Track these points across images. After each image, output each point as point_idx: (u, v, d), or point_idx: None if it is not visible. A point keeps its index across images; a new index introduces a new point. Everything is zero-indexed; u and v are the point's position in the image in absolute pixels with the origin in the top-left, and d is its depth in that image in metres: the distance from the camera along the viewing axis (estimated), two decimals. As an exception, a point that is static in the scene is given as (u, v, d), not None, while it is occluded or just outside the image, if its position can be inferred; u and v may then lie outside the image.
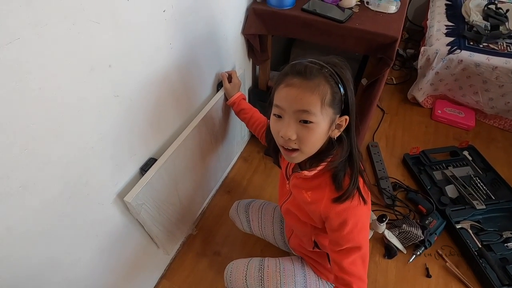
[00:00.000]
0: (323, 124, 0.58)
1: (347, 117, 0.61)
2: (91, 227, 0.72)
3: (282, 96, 0.59)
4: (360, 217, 0.64)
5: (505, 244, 1.22)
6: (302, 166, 0.72)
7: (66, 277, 0.70)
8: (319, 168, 0.65)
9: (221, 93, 1.05)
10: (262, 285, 0.88)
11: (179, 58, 0.81)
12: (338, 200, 0.63)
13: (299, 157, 0.63)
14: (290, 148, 0.62)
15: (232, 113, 1.18)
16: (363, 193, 0.64)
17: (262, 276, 0.89)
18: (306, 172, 0.66)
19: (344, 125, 0.62)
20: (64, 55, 0.50)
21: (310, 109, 0.56)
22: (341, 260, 0.65)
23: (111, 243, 0.80)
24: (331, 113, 0.58)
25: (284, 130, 0.59)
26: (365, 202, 0.64)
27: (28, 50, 0.44)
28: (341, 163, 0.63)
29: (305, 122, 0.57)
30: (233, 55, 1.15)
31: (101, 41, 0.56)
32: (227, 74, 1.06)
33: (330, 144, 0.65)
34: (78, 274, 0.74)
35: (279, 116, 0.61)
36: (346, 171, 0.64)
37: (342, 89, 0.58)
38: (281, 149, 0.65)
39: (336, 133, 0.63)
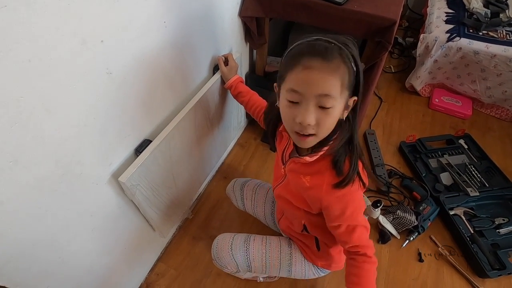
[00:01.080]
0: (339, 107, 0.57)
1: (355, 97, 0.59)
2: (86, 207, 0.72)
3: (301, 80, 0.54)
4: (359, 200, 0.66)
5: (497, 230, 1.24)
6: (300, 151, 0.71)
7: (61, 256, 0.70)
8: (321, 153, 0.64)
9: (217, 76, 1.04)
10: (247, 256, 0.90)
11: (173, 38, 0.80)
12: (339, 185, 0.62)
13: (312, 142, 0.61)
14: (306, 134, 0.59)
15: (229, 98, 1.17)
16: (362, 177, 0.64)
17: (248, 248, 0.91)
18: (307, 158, 0.65)
19: (352, 106, 0.60)
20: (54, 26, 0.48)
21: (331, 93, 0.53)
22: (349, 238, 0.67)
23: (106, 223, 0.81)
24: (347, 95, 0.57)
25: (302, 117, 0.55)
26: (364, 186, 0.64)
27: (16, 19, 0.43)
28: (342, 147, 0.62)
29: (324, 106, 0.55)
30: (230, 38, 1.13)
31: (93, 15, 0.54)
32: (223, 58, 1.04)
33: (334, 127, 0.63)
34: (73, 253, 0.74)
35: (294, 101, 0.57)
36: (346, 155, 0.63)
37: (355, 70, 0.55)
38: (294, 135, 0.61)
39: (345, 114, 0.61)
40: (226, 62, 1.05)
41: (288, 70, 0.56)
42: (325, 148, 0.63)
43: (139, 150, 0.80)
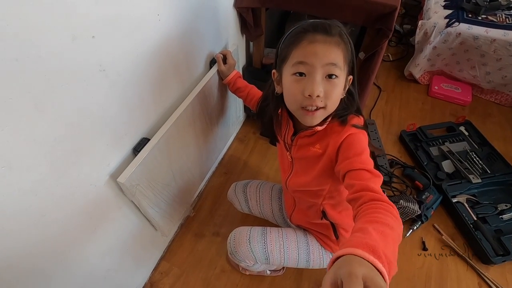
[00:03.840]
0: (342, 81, 0.60)
1: (351, 76, 0.64)
2: (85, 209, 0.70)
3: (309, 52, 0.57)
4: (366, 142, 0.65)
5: (500, 216, 1.24)
6: (298, 130, 0.72)
7: (62, 260, 0.69)
8: (328, 120, 0.65)
9: (214, 70, 1.01)
10: (266, 248, 0.89)
11: (168, 31, 0.77)
12: (343, 118, 0.65)
13: (321, 116, 0.62)
14: (314, 108, 0.60)
15: (227, 92, 1.15)
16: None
17: (265, 240, 0.90)
18: (318, 128, 0.65)
19: (349, 85, 0.64)
20: (42, 21, 0.46)
21: (337, 62, 0.57)
22: (371, 183, 0.53)
23: (106, 225, 0.79)
24: (347, 71, 0.61)
25: (311, 88, 0.57)
26: (360, 114, 0.68)
27: (-1, 15, 0.40)
28: (343, 109, 0.66)
29: (330, 76, 0.57)
30: (226, 30, 1.10)
31: (82, 9, 0.52)
32: (222, 55, 1.01)
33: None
34: (74, 256, 0.72)
35: (301, 74, 0.59)
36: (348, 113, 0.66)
37: (351, 48, 0.60)
38: (301, 112, 0.62)
39: (343, 94, 0.64)
40: (224, 59, 1.02)
41: (292, 48, 0.59)
42: (329, 119, 0.66)
43: (137, 149, 0.78)
